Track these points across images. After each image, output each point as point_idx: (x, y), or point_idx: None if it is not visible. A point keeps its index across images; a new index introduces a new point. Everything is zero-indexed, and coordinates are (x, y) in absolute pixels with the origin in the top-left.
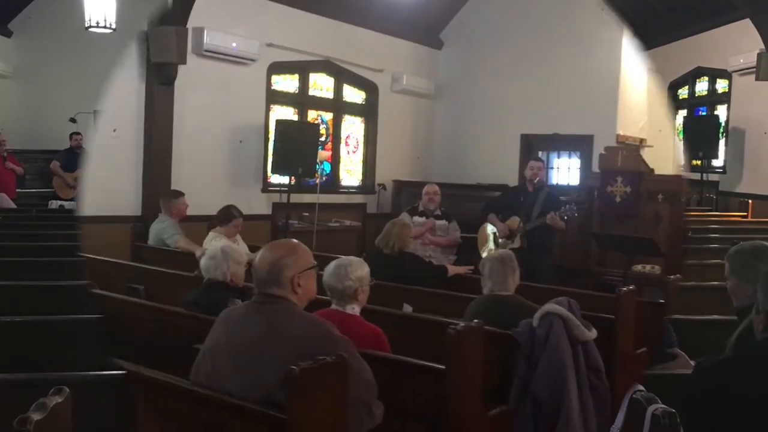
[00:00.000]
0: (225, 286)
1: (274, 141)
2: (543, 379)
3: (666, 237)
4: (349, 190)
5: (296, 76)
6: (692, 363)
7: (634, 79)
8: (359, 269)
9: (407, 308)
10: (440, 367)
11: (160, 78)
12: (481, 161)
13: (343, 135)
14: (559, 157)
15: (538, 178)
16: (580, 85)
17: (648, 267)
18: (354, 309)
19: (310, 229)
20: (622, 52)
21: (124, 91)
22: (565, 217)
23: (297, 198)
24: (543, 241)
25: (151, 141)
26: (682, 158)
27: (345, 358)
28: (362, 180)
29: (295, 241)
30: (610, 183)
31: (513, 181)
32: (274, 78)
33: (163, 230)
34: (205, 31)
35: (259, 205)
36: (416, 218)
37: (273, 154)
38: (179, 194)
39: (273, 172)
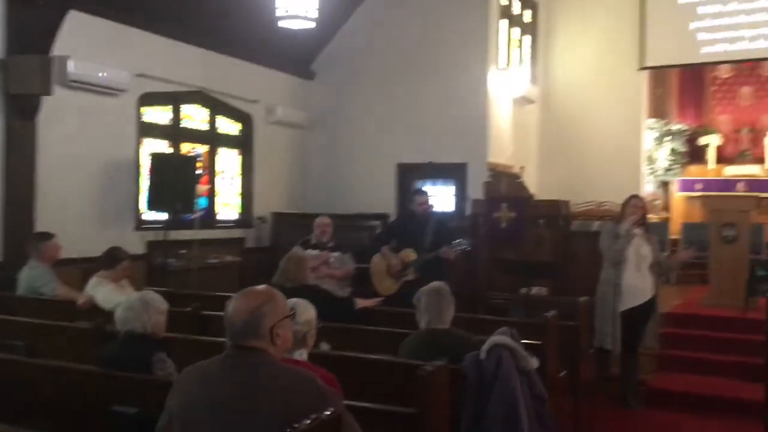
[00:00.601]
0: (145, 338)
1: (150, 175)
2: (496, 412)
3: (549, 259)
4: (226, 225)
5: (169, 108)
6: None
7: (501, 108)
8: (306, 312)
9: (325, 346)
10: (412, 411)
11: (20, 111)
12: (359, 191)
13: (219, 168)
14: (434, 185)
15: (428, 211)
16: (451, 115)
17: (535, 289)
18: (302, 355)
19: (188, 267)
20: (488, 83)
21: None
22: (458, 250)
23: (172, 235)
24: (436, 271)
25: (11, 179)
26: None
27: (339, 414)
28: (240, 213)
29: (268, 287)
30: (495, 209)
31: (391, 209)
32: (145, 109)
33: (36, 278)
34: (70, 60)
35: (132, 243)
36: (309, 251)
37: (149, 190)
38: (49, 236)
39: (149, 208)
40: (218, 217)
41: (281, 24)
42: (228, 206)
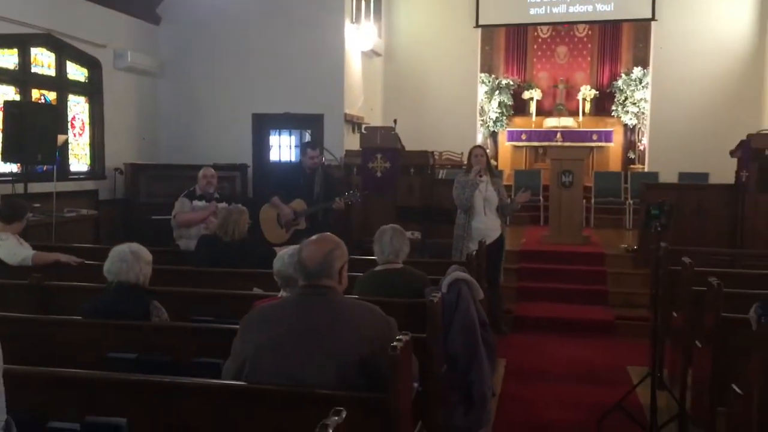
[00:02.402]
0: (138, 288)
1: (5, 125)
2: (457, 337)
3: (419, 205)
4: (78, 177)
5: (15, 51)
6: None
7: (353, 61)
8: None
9: (258, 291)
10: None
11: None
12: (214, 140)
13: (69, 116)
14: (290, 134)
15: (316, 165)
16: (308, 67)
17: (408, 233)
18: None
19: (47, 221)
20: (345, 36)
21: None
22: (350, 202)
23: (12, 189)
24: (325, 220)
25: None
26: None
27: (407, 341)
28: (91, 165)
29: (333, 235)
30: (371, 159)
31: (248, 159)
32: None
33: None
34: None
35: None
36: (196, 202)
37: (3, 140)
38: None
39: (3, 160)
40: (71, 169)
41: None
42: (78, 158)
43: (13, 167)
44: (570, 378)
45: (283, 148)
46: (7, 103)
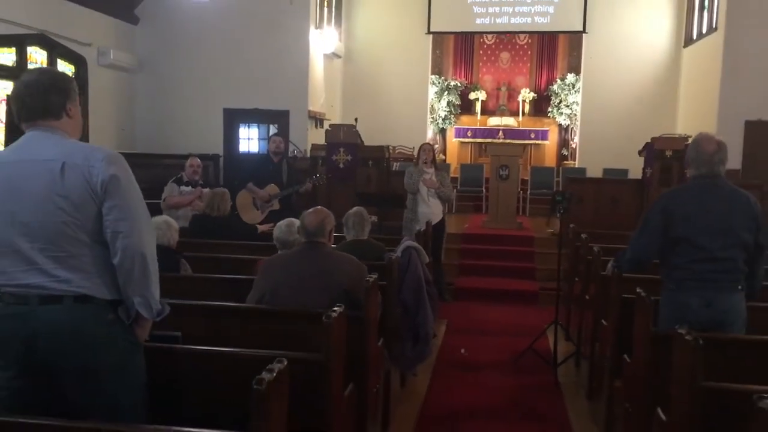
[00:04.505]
0: (170, 249)
1: (7, 117)
2: (409, 290)
3: (375, 192)
4: None
5: (13, 50)
6: None
7: (317, 62)
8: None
9: None
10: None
11: None
12: (187, 132)
13: None
14: (258, 128)
15: (279, 150)
16: (276, 67)
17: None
18: None
19: None
20: (309, 40)
21: None
22: (317, 184)
23: None
24: (293, 202)
25: None
26: None
27: (376, 278)
28: None
29: (324, 207)
30: (335, 153)
31: (219, 149)
32: None
33: None
34: None
35: None
36: (183, 188)
37: (6, 131)
38: None
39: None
40: None
41: None
42: None
43: None
44: (499, 333)
45: (251, 140)
46: (9, 97)
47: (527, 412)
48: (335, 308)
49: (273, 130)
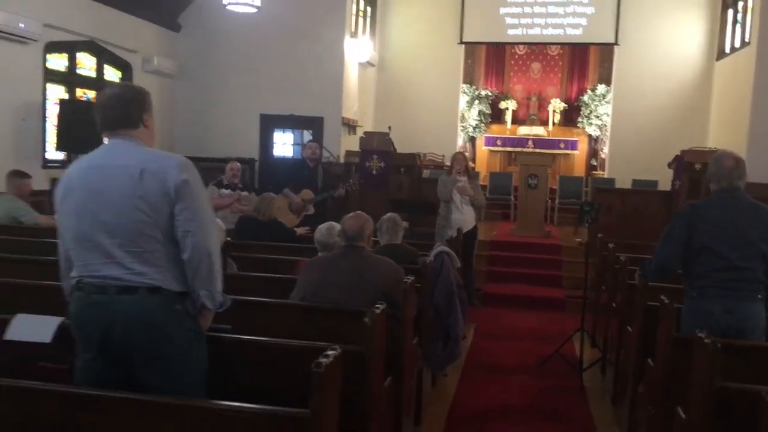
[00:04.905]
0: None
1: (60, 120)
2: (441, 293)
3: (407, 199)
4: None
5: (65, 56)
6: None
7: (351, 70)
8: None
9: None
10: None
11: None
12: (225, 137)
13: None
14: (293, 134)
15: (315, 156)
16: (312, 74)
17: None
18: None
19: None
20: (344, 49)
21: None
22: (350, 189)
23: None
24: (332, 207)
25: None
26: None
27: (413, 280)
28: None
29: (363, 213)
30: (368, 159)
31: (254, 154)
32: (49, 57)
33: (16, 208)
34: None
35: (38, 180)
36: (223, 190)
37: (57, 133)
38: (25, 175)
39: (57, 149)
40: None
41: (230, 8)
42: None
43: (60, 155)
44: (525, 338)
45: (285, 145)
46: (62, 101)
47: (552, 415)
48: (378, 305)
49: (307, 135)
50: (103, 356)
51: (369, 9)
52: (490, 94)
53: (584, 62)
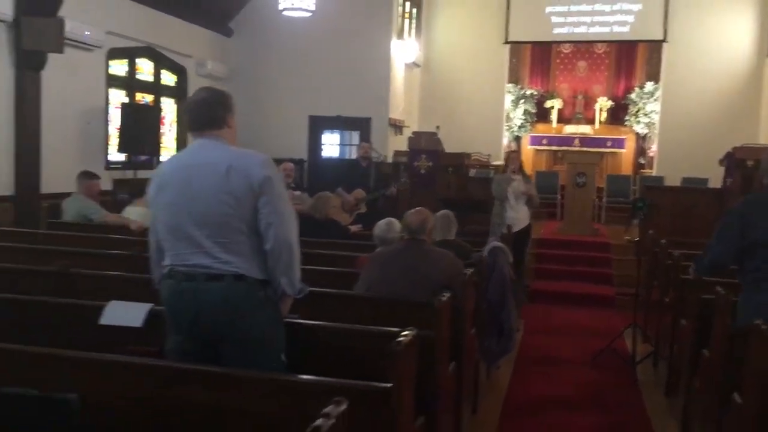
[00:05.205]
0: None
1: (121, 123)
2: (495, 287)
3: (454, 197)
4: None
5: (125, 62)
6: None
7: (397, 71)
8: (399, 225)
9: None
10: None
11: (30, 65)
12: (274, 138)
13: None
14: (341, 134)
15: (367, 155)
16: (359, 76)
17: None
18: None
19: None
20: (391, 50)
21: None
22: (401, 188)
23: (123, 174)
24: (384, 205)
25: (22, 125)
26: None
27: (472, 272)
28: None
29: (424, 208)
30: (417, 159)
31: (304, 155)
32: (111, 63)
33: (87, 207)
34: (67, 21)
35: (101, 181)
36: None
37: (120, 135)
38: (95, 176)
39: (119, 151)
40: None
41: (285, 14)
42: (166, 150)
43: (121, 156)
44: (576, 334)
45: (332, 146)
46: (123, 105)
47: (606, 406)
48: (444, 294)
49: (355, 136)
50: (192, 338)
51: (414, 11)
52: (535, 93)
53: (631, 60)
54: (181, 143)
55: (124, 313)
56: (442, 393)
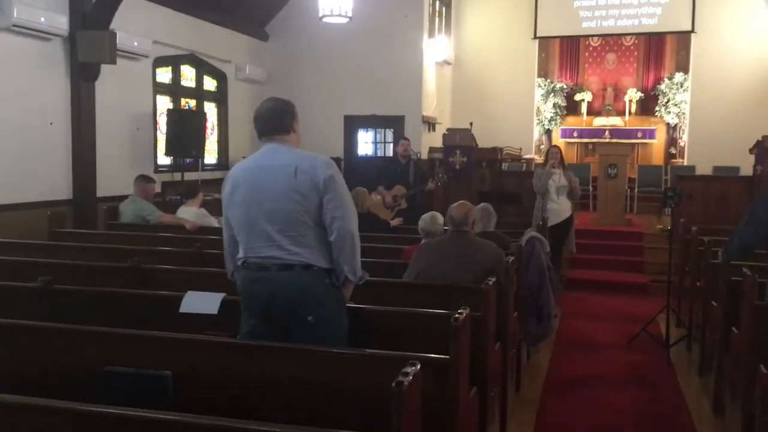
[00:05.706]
0: None
1: (167, 128)
2: (533, 274)
3: (489, 191)
4: (210, 167)
5: (169, 68)
6: None
7: (429, 69)
8: (442, 218)
9: None
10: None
11: (85, 76)
12: (311, 138)
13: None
14: (375, 133)
15: (407, 153)
16: (392, 75)
17: None
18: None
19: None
20: (422, 49)
21: (53, 87)
22: (439, 183)
23: (171, 177)
24: (422, 201)
25: (79, 132)
26: None
27: (514, 259)
28: (218, 158)
29: (467, 201)
30: (451, 155)
31: (340, 153)
32: (157, 71)
33: (143, 208)
34: (117, 33)
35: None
36: None
37: (166, 139)
38: (151, 179)
39: (166, 154)
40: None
41: (325, 20)
42: (209, 152)
43: (168, 160)
44: (611, 319)
45: (367, 144)
46: (169, 111)
47: (642, 384)
48: (490, 279)
49: (389, 134)
50: (266, 322)
51: (444, 9)
52: (565, 86)
53: (660, 51)
54: (222, 145)
55: (201, 302)
56: (490, 367)
